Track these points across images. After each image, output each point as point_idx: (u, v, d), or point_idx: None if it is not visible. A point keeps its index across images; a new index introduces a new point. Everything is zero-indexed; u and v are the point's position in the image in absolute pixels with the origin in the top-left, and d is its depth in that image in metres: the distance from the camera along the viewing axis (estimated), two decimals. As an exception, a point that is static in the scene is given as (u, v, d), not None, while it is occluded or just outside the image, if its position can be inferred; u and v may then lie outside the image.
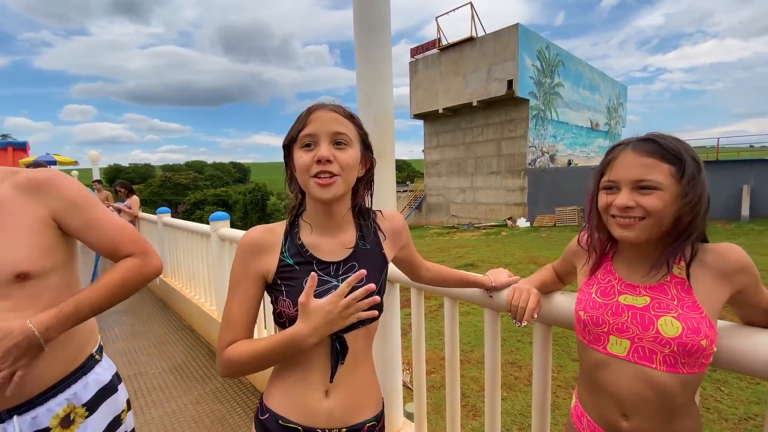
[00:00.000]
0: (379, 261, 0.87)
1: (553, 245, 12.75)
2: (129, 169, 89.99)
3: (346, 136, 0.79)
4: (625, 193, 0.75)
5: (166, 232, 4.51)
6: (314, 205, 0.84)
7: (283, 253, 0.82)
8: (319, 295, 0.76)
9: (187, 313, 3.89)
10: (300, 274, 0.79)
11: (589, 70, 23.24)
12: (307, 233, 0.84)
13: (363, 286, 0.74)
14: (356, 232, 0.87)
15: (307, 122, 0.78)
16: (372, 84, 1.28)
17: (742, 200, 14.38)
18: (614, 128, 26.90)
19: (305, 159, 0.77)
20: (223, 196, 49.51)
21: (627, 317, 0.78)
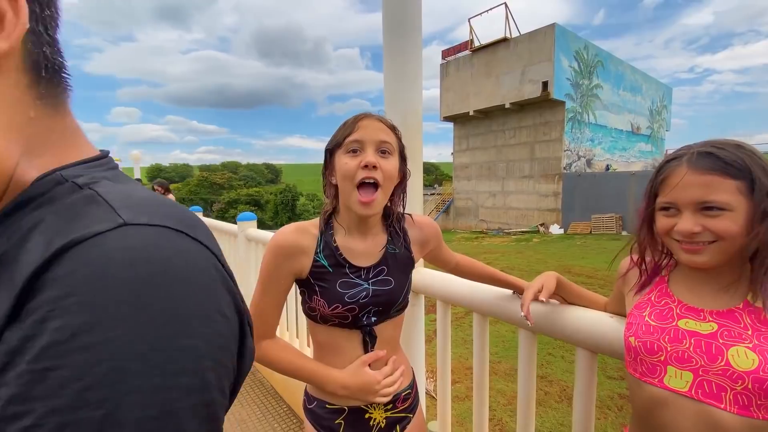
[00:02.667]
0: (407, 264, 0.93)
1: (589, 254, 12.19)
2: (169, 168, 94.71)
3: (390, 145, 0.82)
4: (688, 217, 0.66)
5: (197, 230, 4.63)
6: (349, 212, 0.86)
7: (318, 254, 0.85)
8: (352, 296, 0.83)
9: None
10: (333, 276, 0.84)
11: (631, 71, 22.17)
12: (341, 235, 0.87)
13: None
14: (386, 236, 0.91)
15: (355, 129, 0.80)
16: (400, 82, 1.21)
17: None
18: (657, 132, 25.52)
19: (350, 164, 0.79)
20: (255, 195, 50.99)
21: (689, 344, 0.66)
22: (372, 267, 0.87)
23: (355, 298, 0.84)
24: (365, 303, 0.85)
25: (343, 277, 0.85)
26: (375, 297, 0.86)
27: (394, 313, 0.91)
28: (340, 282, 0.85)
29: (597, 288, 8.27)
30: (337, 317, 0.84)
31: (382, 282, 0.88)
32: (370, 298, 0.85)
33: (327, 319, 0.85)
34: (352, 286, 0.84)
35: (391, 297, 0.88)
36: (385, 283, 0.88)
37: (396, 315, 0.92)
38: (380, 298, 0.87)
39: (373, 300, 0.86)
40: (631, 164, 22.44)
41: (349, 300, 0.84)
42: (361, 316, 0.85)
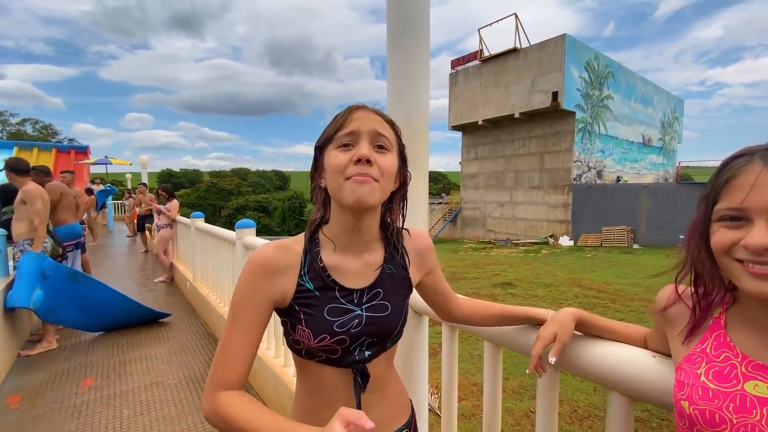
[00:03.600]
0: (404, 286, 0.81)
1: (600, 267, 11.91)
2: (180, 174, 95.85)
3: (387, 140, 0.72)
4: (762, 227, 0.50)
5: (198, 236, 4.54)
6: (341, 219, 0.74)
7: (302, 276, 0.73)
8: (342, 325, 0.71)
9: (212, 320, 3.83)
10: (320, 301, 0.72)
11: (642, 82, 21.93)
12: (329, 252, 0.75)
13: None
14: (383, 253, 0.79)
15: (347, 121, 0.70)
16: (405, 78, 1.08)
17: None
18: (669, 144, 25.14)
19: (341, 159, 0.68)
20: (263, 202, 51.21)
21: (760, 416, 0.51)
22: (366, 289, 0.75)
23: (346, 327, 0.72)
24: (357, 333, 0.73)
25: (332, 302, 0.73)
26: (368, 326, 0.74)
27: (390, 345, 0.79)
28: (328, 308, 0.72)
29: (608, 302, 7.99)
30: (325, 351, 0.72)
31: (376, 307, 0.75)
32: (363, 326, 0.73)
33: (312, 353, 0.72)
34: (342, 313, 0.72)
35: (387, 326, 0.76)
36: (381, 309, 0.75)
37: (391, 347, 0.80)
38: (374, 327, 0.74)
39: (366, 329, 0.73)
40: (642, 176, 22.08)
41: (338, 329, 0.71)
42: (353, 349, 0.73)
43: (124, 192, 12.96)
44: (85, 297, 3.50)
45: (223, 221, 47.52)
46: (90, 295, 3.54)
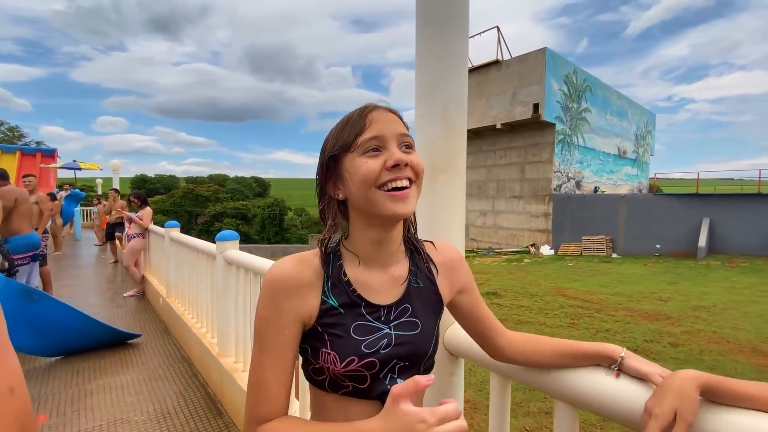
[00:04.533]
0: (434, 303, 0.74)
1: (582, 276, 12.03)
2: (155, 179, 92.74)
3: (411, 139, 0.67)
4: None
5: (173, 247, 4.18)
6: (366, 232, 0.69)
7: (326, 292, 0.68)
8: (370, 345, 0.65)
9: (187, 343, 3.47)
10: (346, 320, 0.67)
11: (617, 96, 22.70)
12: (353, 266, 0.70)
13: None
14: (408, 264, 0.74)
15: (367, 123, 0.65)
16: (441, 63, 0.87)
17: (791, 237, 13.33)
18: (642, 156, 26.05)
19: (373, 166, 0.63)
20: (242, 209, 50.13)
21: None
22: (393, 305, 0.70)
23: (375, 347, 0.65)
24: (387, 355, 0.66)
25: (359, 319, 0.67)
26: (399, 346, 0.67)
27: (423, 371, 0.70)
28: (355, 326, 0.67)
29: (594, 312, 8.01)
30: (352, 379, 0.65)
31: (406, 325, 0.69)
32: (393, 347, 0.66)
33: (338, 383, 0.66)
34: (369, 331, 0.67)
35: (419, 345, 0.69)
36: (411, 327, 0.69)
37: (425, 373, 0.71)
38: (405, 348, 0.67)
39: (396, 350, 0.67)
40: (618, 187, 22.75)
41: (366, 350, 0.65)
42: (383, 375, 0.66)
43: (94, 198, 12.22)
44: (40, 317, 3.09)
45: (200, 229, 46.34)
46: (47, 315, 3.14)
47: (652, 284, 10.59)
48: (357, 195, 0.65)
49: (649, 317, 7.41)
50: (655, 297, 9.01)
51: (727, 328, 6.56)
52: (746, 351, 5.55)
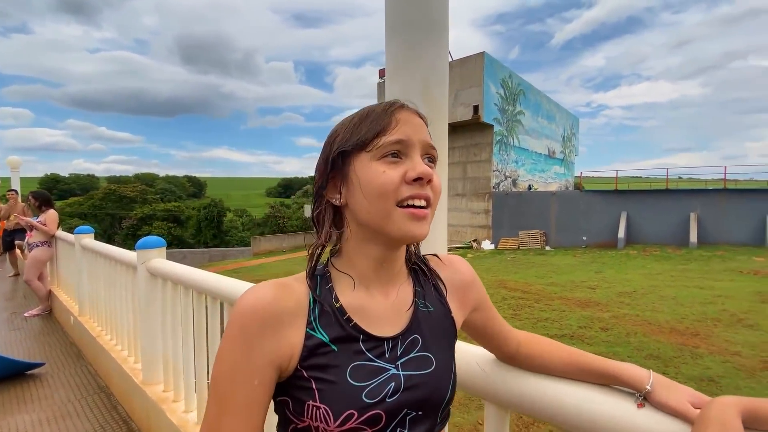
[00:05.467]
0: (447, 329, 0.62)
1: (520, 269, 12.76)
2: (69, 179, 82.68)
3: (436, 153, 0.57)
4: None
5: (85, 257, 3.60)
6: (365, 250, 0.56)
7: (312, 323, 0.53)
8: (373, 393, 0.50)
9: (104, 369, 2.98)
10: (340, 359, 0.52)
11: (546, 100, 24.44)
12: (346, 290, 0.56)
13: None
14: (412, 285, 0.61)
15: (393, 123, 0.53)
16: (419, 29, 0.70)
17: (690, 227, 15.25)
18: (568, 156, 28.36)
19: (392, 176, 0.52)
20: (174, 211, 46.77)
21: None
22: (399, 337, 0.56)
23: (379, 394, 0.51)
24: (396, 404, 0.52)
25: (357, 358, 0.53)
26: (409, 390, 0.53)
27: (440, 422, 0.58)
28: (352, 368, 0.52)
29: (533, 302, 8.48)
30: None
31: (416, 362, 0.56)
32: (402, 392, 0.53)
33: None
34: (371, 374, 0.52)
35: (435, 388, 0.56)
36: (423, 364, 0.56)
37: (442, 425, 0.58)
38: (418, 392, 0.54)
39: (406, 396, 0.53)
40: (549, 185, 24.52)
41: (369, 400, 0.51)
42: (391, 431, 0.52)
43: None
44: None
45: (125, 233, 42.51)
46: None
47: (582, 274, 11.48)
48: (366, 206, 0.53)
49: (581, 304, 7.98)
50: (585, 285, 9.76)
51: (647, 311, 7.26)
52: (665, 331, 6.15)
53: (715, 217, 15.24)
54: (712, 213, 15.32)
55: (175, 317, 2.00)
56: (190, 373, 1.90)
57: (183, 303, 1.91)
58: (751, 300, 7.54)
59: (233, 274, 12.20)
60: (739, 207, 14.87)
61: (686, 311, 7.09)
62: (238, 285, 1.47)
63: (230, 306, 1.52)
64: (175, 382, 2.03)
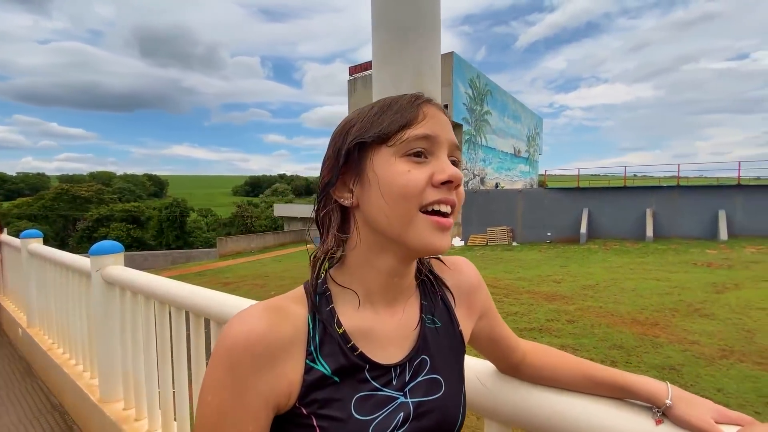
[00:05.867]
0: (456, 346, 0.56)
1: (489, 264, 13.07)
2: (17, 178, 76.69)
3: (461, 155, 0.52)
4: None
5: (33, 263, 3.30)
6: (374, 258, 0.50)
7: (312, 353, 0.47)
8: (380, 425, 0.46)
9: (58, 386, 2.73)
10: (343, 392, 0.47)
11: (512, 101, 25.17)
12: (349, 309, 0.50)
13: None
14: (419, 299, 0.56)
15: (420, 116, 0.47)
16: (409, 13, 0.64)
17: (647, 222, 16.18)
18: (533, 155, 29.38)
19: (417, 177, 0.46)
20: (133, 211, 44.52)
21: None
22: (407, 362, 0.51)
23: (388, 427, 0.46)
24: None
25: (362, 389, 0.47)
26: (419, 419, 0.49)
27: None
28: (357, 400, 0.46)
29: (503, 297, 8.69)
30: None
31: (425, 386, 0.51)
32: (412, 422, 0.48)
33: None
34: (379, 405, 0.47)
35: (445, 413, 0.51)
36: (432, 388, 0.52)
37: None
38: (429, 420, 0.49)
39: (416, 426, 0.48)
40: (515, 183, 25.29)
41: None
42: None
43: None
44: None
45: (80, 236, 40.02)
46: None
47: (548, 268, 11.90)
48: (385, 209, 0.46)
49: (548, 298, 8.26)
50: (551, 279, 10.12)
51: (610, 303, 7.61)
52: (627, 322, 6.47)
53: (669, 213, 16.25)
54: (666, 208, 16.32)
55: (136, 329, 1.85)
56: (154, 389, 1.76)
57: (144, 314, 1.76)
58: (706, 290, 8.07)
59: (198, 277, 11.78)
60: (692, 203, 15.94)
61: (646, 302, 7.48)
62: (205, 294, 1.36)
63: (195, 317, 1.41)
64: (136, 399, 1.87)
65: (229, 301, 1.23)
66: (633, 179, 25.67)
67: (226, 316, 1.22)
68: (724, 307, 6.85)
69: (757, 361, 4.69)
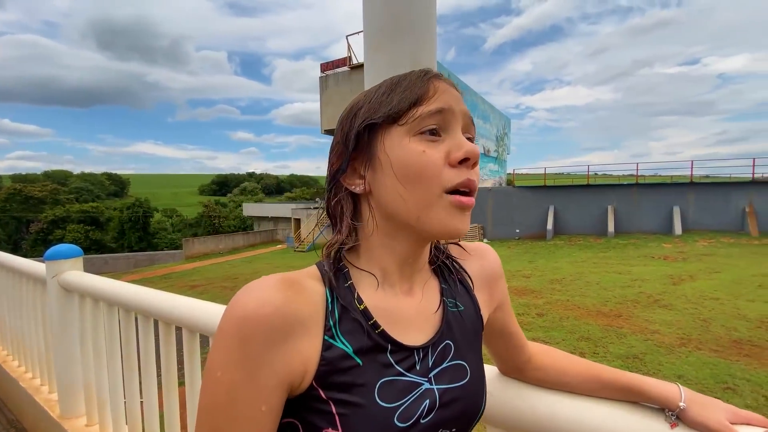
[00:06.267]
0: (477, 329, 0.55)
1: (463, 263, 13.31)
2: (-43, 177, 70.56)
3: (475, 129, 0.49)
4: None
5: (-22, 271, 3.02)
6: (388, 243, 0.48)
7: (331, 329, 0.44)
8: (406, 415, 0.43)
9: (14, 401, 2.51)
10: (366, 375, 0.43)
11: (482, 101, 25.72)
12: (368, 289, 0.47)
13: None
14: (438, 282, 0.54)
15: (430, 90, 0.45)
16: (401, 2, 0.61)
17: (608, 219, 16.98)
18: (501, 155, 30.15)
19: (434, 156, 0.43)
20: (92, 212, 42.13)
21: None
22: (431, 345, 0.48)
23: (414, 415, 0.43)
24: (431, 424, 0.45)
25: (386, 373, 0.44)
26: (445, 407, 0.46)
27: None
28: (380, 385, 0.43)
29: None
30: None
31: (450, 372, 0.49)
32: (438, 410, 0.46)
33: None
34: (404, 391, 0.44)
35: (471, 400, 0.49)
36: (457, 374, 0.49)
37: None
38: (454, 408, 0.47)
39: (442, 414, 0.46)
40: (484, 181, 25.84)
41: (401, 423, 0.42)
42: None
43: None
44: None
45: (34, 239, 37.47)
46: None
47: (517, 264, 12.26)
48: (402, 193, 0.44)
49: (519, 293, 8.50)
50: (520, 274, 10.42)
51: (576, 296, 7.92)
52: (593, 314, 6.75)
53: (629, 209, 17.12)
54: (626, 205, 17.19)
55: (98, 339, 1.72)
56: (119, 403, 1.64)
57: (107, 323, 1.64)
58: (664, 282, 8.56)
59: (163, 280, 11.32)
60: (649, 200, 16.87)
61: (609, 295, 7.84)
62: (175, 300, 1.28)
63: (166, 325, 1.32)
64: (100, 415, 1.74)
65: (207, 308, 1.16)
66: (595, 178, 26.87)
67: (198, 322, 1.15)
68: (680, 298, 7.28)
69: (713, 348, 5.02)
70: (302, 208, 25.84)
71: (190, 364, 1.25)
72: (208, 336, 1.11)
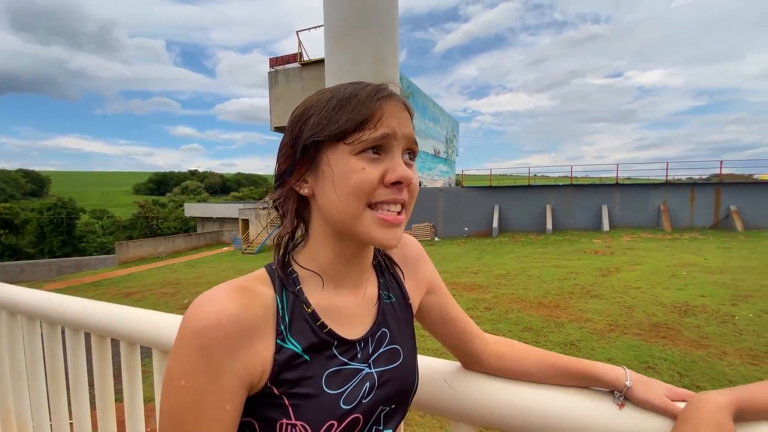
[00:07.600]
0: (407, 315, 0.61)
1: (415, 261, 13.58)
2: None
3: (417, 147, 0.53)
4: None
5: None
6: (331, 244, 0.52)
7: (282, 332, 0.48)
8: (350, 398, 0.49)
9: None
10: (314, 369, 0.48)
11: (432, 104, 26.40)
12: (315, 289, 0.52)
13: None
14: (376, 277, 0.60)
15: (377, 113, 0.47)
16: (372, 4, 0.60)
17: (547, 217, 18.23)
18: (451, 156, 31.17)
19: (370, 175, 0.47)
20: (5, 213, 37.22)
21: None
22: (370, 335, 0.55)
23: (356, 398, 0.50)
24: (372, 403, 0.51)
25: (331, 365, 0.50)
26: (383, 387, 0.53)
27: (408, 407, 0.59)
28: (328, 376, 0.49)
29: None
30: None
31: (386, 357, 0.55)
32: (376, 390, 0.52)
33: None
34: (347, 379, 0.50)
35: (404, 380, 0.56)
36: (392, 358, 0.56)
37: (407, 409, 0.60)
38: (390, 387, 0.54)
39: (380, 394, 0.52)
40: (435, 181, 26.58)
41: (346, 406, 0.49)
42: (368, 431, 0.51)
43: None
44: None
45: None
46: None
47: (466, 260, 12.74)
48: (337, 203, 0.48)
49: (468, 288, 8.84)
50: (469, 271, 10.85)
51: (520, 290, 8.40)
52: (535, 306, 7.20)
53: (564, 208, 18.50)
54: (562, 204, 18.56)
55: (15, 357, 1.53)
56: (44, 424, 1.47)
57: (26, 338, 1.46)
58: (595, 274, 9.33)
59: (93, 288, 10.34)
60: (582, 199, 18.35)
61: (548, 287, 8.40)
62: (109, 310, 1.17)
63: (99, 338, 1.20)
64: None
65: (149, 317, 1.07)
66: (535, 179, 28.65)
67: (140, 334, 1.06)
68: (609, 288, 7.99)
69: (636, 332, 5.57)
70: (250, 208, 24.85)
71: (130, 379, 1.15)
72: (151, 348, 1.03)
